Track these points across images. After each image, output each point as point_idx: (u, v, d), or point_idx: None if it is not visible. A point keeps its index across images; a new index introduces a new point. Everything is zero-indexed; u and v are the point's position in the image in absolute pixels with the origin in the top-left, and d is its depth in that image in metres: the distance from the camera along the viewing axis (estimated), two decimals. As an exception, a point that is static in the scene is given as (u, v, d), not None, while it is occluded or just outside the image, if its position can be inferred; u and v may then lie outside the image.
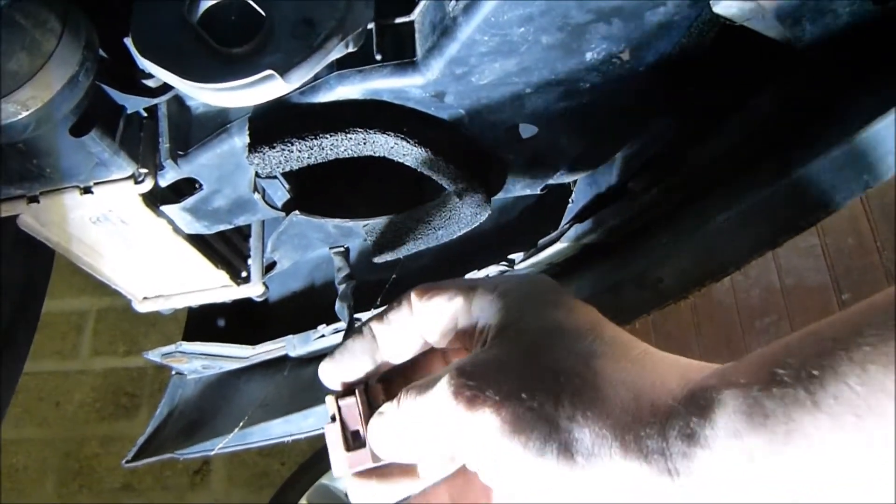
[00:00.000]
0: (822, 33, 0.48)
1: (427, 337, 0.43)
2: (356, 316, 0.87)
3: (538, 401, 0.34)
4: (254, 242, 0.86)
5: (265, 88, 0.51)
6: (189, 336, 0.98)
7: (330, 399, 0.46)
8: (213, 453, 0.88)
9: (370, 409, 0.45)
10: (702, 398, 0.31)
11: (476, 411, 0.35)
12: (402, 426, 0.41)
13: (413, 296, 0.43)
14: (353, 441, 0.44)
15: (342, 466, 0.44)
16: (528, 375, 0.36)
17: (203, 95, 0.52)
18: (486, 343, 0.40)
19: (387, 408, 0.42)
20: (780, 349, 0.30)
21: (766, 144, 0.58)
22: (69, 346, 2.35)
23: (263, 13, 0.51)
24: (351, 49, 0.53)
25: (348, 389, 0.46)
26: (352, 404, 0.45)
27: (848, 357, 0.27)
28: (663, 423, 0.32)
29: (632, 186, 0.68)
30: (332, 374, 0.46)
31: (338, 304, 0.72)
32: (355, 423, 0.45)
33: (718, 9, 0.48)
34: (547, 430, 0.34)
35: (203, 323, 1.00)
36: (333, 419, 0.45)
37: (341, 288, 0.77)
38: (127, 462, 0.96)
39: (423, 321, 0.43)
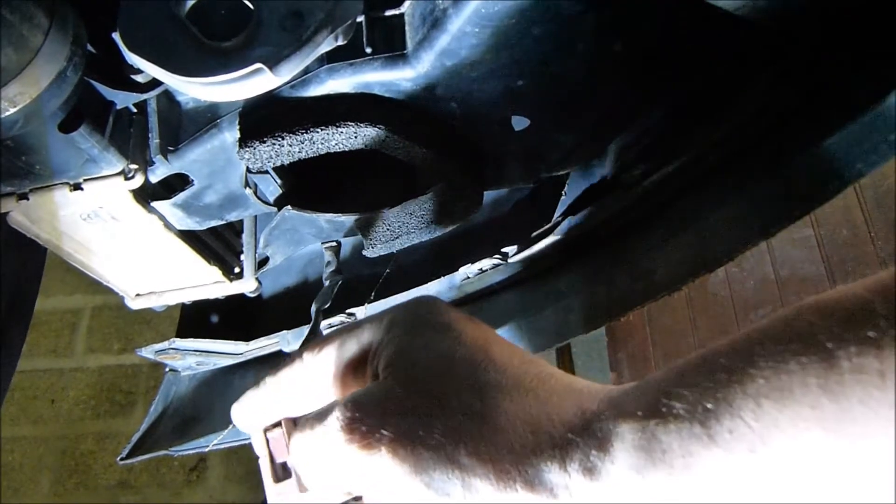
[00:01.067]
0: (815, 22, 0.48)
1: (323, 388, 0.43)
2: (350, 311, 0.87)
3: (436, 440, 0.34)
4: (246, 238, 0.85)
5: (255, 82, 0.50)
6: (183, 333, 0.97)
7: (258, 433, 0.46)
8: (207, 449, 0.87)
9: None
10: (598, 430, 0.32)
11: (372, 451, 0.35)
12: (303, 460, 0.41)
13: (304, 354, 0.44)
14: (282, 472, 0.44)
15: (272, 498, 0.44)
16: (423, 411, 0.35)
17: (192, 90, 0.52)
18: (378, 376, 0.39)
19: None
20: (674, 377, 0.30)
21: (759, 134, 0.58)
22: (64, 343, 2.34)
23: (252, 6, 0.51)
24: (341, 42, 0.53)
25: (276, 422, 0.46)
26: (278, 436, 0.45)
27: (742, 391, 0.27)
28: (563, 457, 0.32)
29: (625, 178, 0.68)
30: (241, 419, 0.47)
31: (313, 305, 0.72)
32: (282, 455, 0.44)
33: (709, -2, 0.47)
34: (448, 468, 0.33)
35: (197, 319, 1.00)
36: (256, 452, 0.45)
37: (325, 285, 0.77)
38: (121, 459, 0.96)
39: (315, 375, 0.43)
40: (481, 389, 0.36)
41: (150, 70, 0.52)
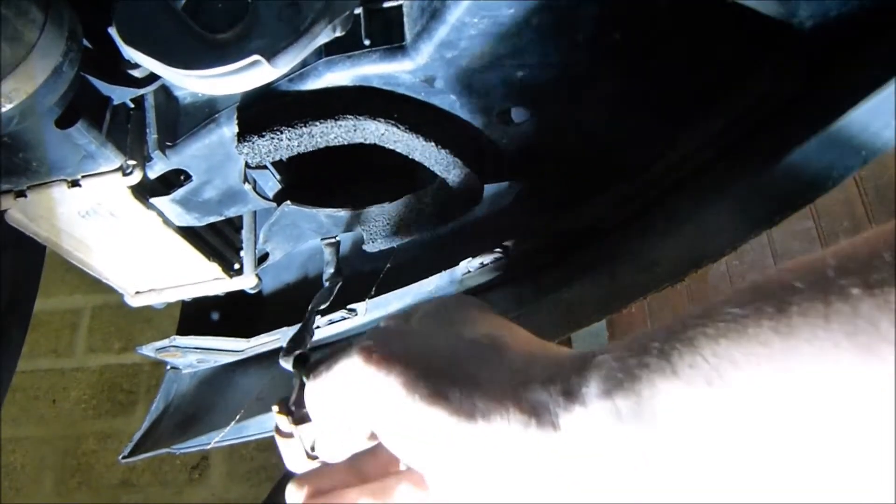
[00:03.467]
0: (818, 10, 0.48)
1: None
2: (351, 306, 0.87)
3: (445, 360, 0.39)
4: (245, 234, 0.85)
5: (252, 74, 0.50)
6: (183, 330, 0.97)
7: (282, 418, 0.49)
8: (209, 447, 0.87)
9: None
10: (581, 361, 0.35)
11: (387, 371, 0.38)
12: (319, 399, 0.44)
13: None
14: (312, 452, 0.48)
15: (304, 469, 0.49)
16: (436, 341, 0.41)
17: (189, 83, 0.52)
18: None
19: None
20: (657, 329, 0.33)
21: (760, 123, 0.57)
22: (64, 343, 2.34)
23: (249, -2, 0.50)
24: (338, 33, 0.53)
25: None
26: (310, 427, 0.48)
27: (704, 333, 0.30)
28: (549, 381, 0.35)
29: (625, 169, 0.68)
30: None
31: (311, 305, 0.71)
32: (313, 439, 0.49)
33: (711, -15, 0.47)
34: (452, 385, 0.37)
35: (197, 317, 1.00)
36: (288, 435, 0.49)
37: (325, 286, 0.76)
38: (123, 458, 0.95)
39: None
40: (490, 333, 0.41)
41: (148, 64, 0.51)
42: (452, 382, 0.37)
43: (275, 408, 0.49)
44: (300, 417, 0.48)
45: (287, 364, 0.54)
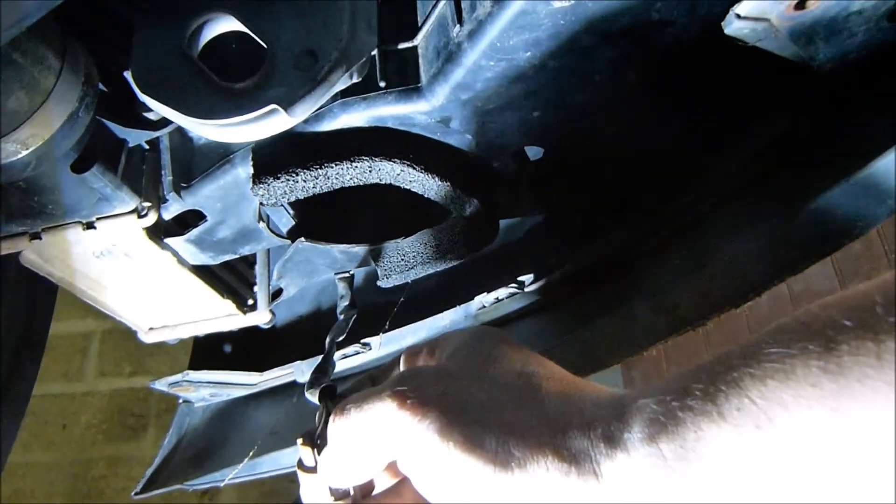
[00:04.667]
0: (837, 52, 0.47)
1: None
2: (365, 340, 0.86)
3: (482, 405, 0.38)
4: (259, 270, 0.85)
5: (269, 123, 0.50)
6: (196, 363, 0.97)
7: (307, 451, 0.48)
8: (223, 484, 0.86)
9: None
10: (622, 405, 0.34)
11: (422, 418, 0.38)
12: (346, 433, 0.43)
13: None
14: (337, 491, 0.47)
15: None
16: (471, 385, 0.40)
17: (205, 131, 0.51)
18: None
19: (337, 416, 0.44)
20: (696, 368, 0.33)
21: (779, 166, 0.57)
22: (75, 368, 2.34)
23: (266, 45, 0.50)
24: (355, 80, 0.52)
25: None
26: None
27: (750, 374, 0.29)
28: (589, 427, 0.35)
29: (641, 206, 0.67)
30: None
31: (328, 336, 0.71)
32: None
33: (730, 30, 0.47)
34: (488, 432, 0.36)
35: (210, 350, 0.99)
36: (312, 470, 0.48)
37: (339, 318, 0.76)
38: (136, 494, 0.95)
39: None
40: (523, 371, 0.40)
41: (163, 112, 0.51)
42: (488, 429, 0.36)
43: (299, 440, 0.48)
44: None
45: (313, 397, 0.53)
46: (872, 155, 0.46)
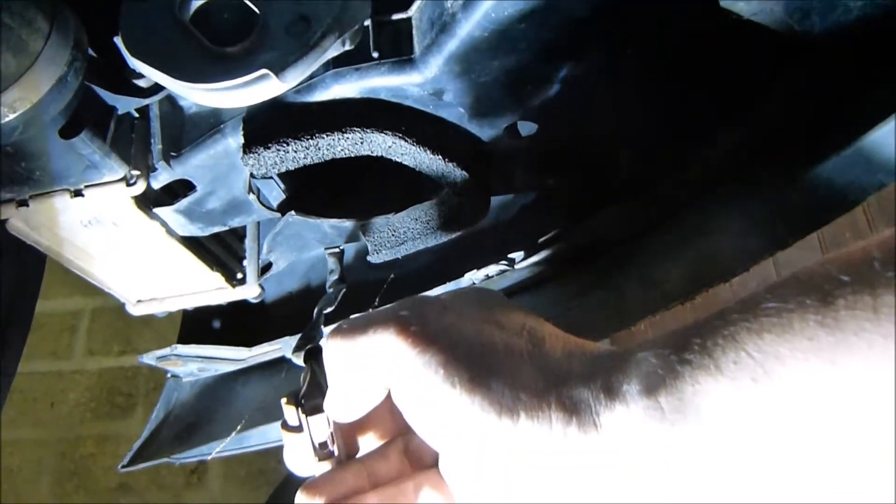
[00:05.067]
0: (832, 27, 0.47)
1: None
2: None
3: (484, 347, 0.37)
4: (249, 243, 0.84)
5: (260, 88, 0.49)
6: (184, 338, 0.96)
7: (291, 409, 0.47)
8: (210, 457, 0.86)
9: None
10: (622, 358, 0.34)
11: (423, 352, 0.36)
12: (341, 353, 0.41)
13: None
14: (321, 451, 0.46)
15: (308, 470, 0.46)
16: (475, 326, 0.38)
17: (196, 96, 0.51)
18: None
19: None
20: (695, 324, 0.33)
21: (774, 142, 0.57)
22: (63, 346, 2.33)
23: (257, 10, 0.50)
24: (348, 47, 0.52)
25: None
26: (321, 419, 0.46)
27: (747, 328, 0.30)
28: (590, 377, 0.34)
29: (634, 184, 0.67)
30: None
31: (317, 307, 0.70)
32: (323, 435, 0.46)
33: (726, 3, 0.46)
34: (491, 376, 0.35)
35: (198, 325, 0.99)
36: (296, 429, 0.46)
37: (329, 292, 0.76)
38: (123, 467, 0.95)
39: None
40: (527, 324, 0.39)
41: (153, 75, 0.51)
42: (494, 372, 0.35)
43: (283, 400, 0.47)
44: (310, 409, 0.46)
45: (298, 359, 0.52)
46: (866, 128, 0.46)
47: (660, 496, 0.32)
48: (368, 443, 0.48)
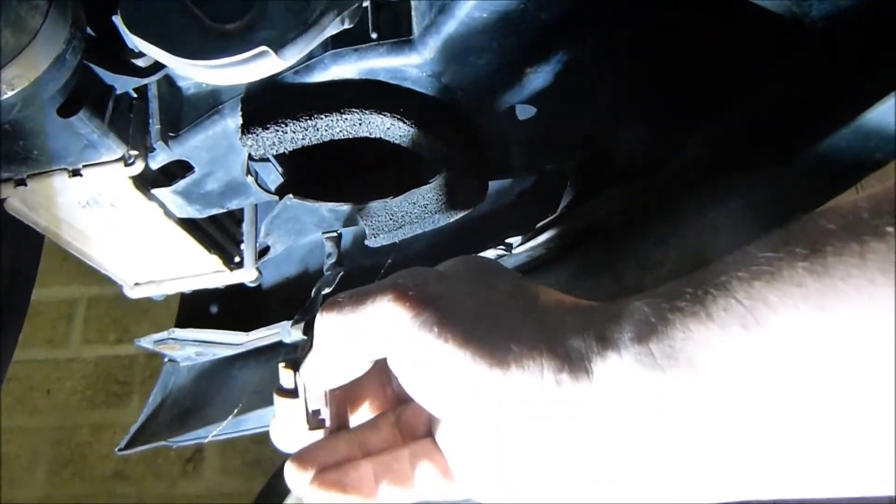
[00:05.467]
0: (831, 8, 0.47)
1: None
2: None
3: (479, 308, 0.37)
4: (247, 227, 0.84)
5: (259, 65, 0.49)
6: (182, 323, 0.96)
7: (288, 372, 0.46)
8: (206, 440, 0.87)
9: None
10: (616, 308, 0.35)
11: (419, 315, 0.37)
12: (335, 326, 0.41)
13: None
14: (314, 419, 0.46)
15: (297, 442, 0.45)
16: (470, 288, 0.39)
17: (194, 73, 0.51)
18: None
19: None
20: (688, 276, 0.33)
21: (772, 126, 0.57)
22: (59, 334, 2.33)
23: (256, -12, 0.50)
24: (346, 25, 0.52)
25: None
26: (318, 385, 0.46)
27: (738, 277, 0.30)
28: (584, 326, 0.35)
29: (632, 169, 0.67)
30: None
31: (315, 288, 0.70)
32: (317, 403, 0.46)
33: (724, -16, 0.46)
34: (487, 333, 0.36)
35: (196, 309, 0.99)
36: (291, 393, 0.46)
37: (326, 274, 0.76)
38: (120, 450, 0.95)
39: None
40: (521, 283, 0.40)
41: (152, 52, 0.51)
42: (487, 328, 0.36)
43: (281, 364, 0.47)
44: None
45: (297, 331, 0.52)
46: (864, 108, 0.46)
47: (652, 445, 0.33)
48: (359, 419, 0.48)
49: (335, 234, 0.80)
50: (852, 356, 0.27)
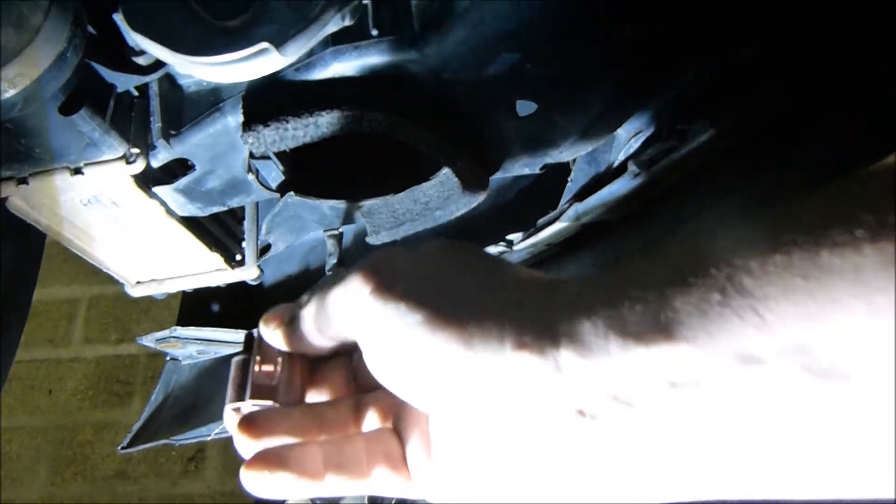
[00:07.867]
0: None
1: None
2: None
3: (451, 289, 0.36)
4: (248, 225, 0.84)
5: (260, 62, 0.49)
6: (183, 321, 0.96)
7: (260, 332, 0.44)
8: (209, 438, 0.87)
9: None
10: (590, 277, 0.33)
11: (387, 300, 0.36)
12: (315, 313, 0.40)
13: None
14: (262, 376, 0.44)
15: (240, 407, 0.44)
16: (441, 269, 0.38)
17: (196, 70, 0.51)
18: None
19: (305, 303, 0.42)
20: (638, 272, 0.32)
21: (769, 122, 0.57)
22: (61, 334, 2.33)
23: (257, -15, 0.50)
24: (347, 22, 0.52)
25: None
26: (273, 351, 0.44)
27: (721, 246, 0.28)
28: (548, 301, 0.33)
29: (631, 165, 0.67)
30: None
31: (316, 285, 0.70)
32: (270, 364, 0.44)
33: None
34: (459, 311, 0.35)
35: (197, 308, 0.99)
36: (247, 352, 0.45)
37: (328, 274, 0.76)
38: (122, 448, 0.95)
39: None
40: (489, 260, 0.39)
41: (153, 50, 0.51)
42: (449, 306, 0.35)
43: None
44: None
45: None
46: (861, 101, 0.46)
47: (619, 423, 0.31)
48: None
49: (337, 233, 0.80)
50: (851, 353, 0.26)
